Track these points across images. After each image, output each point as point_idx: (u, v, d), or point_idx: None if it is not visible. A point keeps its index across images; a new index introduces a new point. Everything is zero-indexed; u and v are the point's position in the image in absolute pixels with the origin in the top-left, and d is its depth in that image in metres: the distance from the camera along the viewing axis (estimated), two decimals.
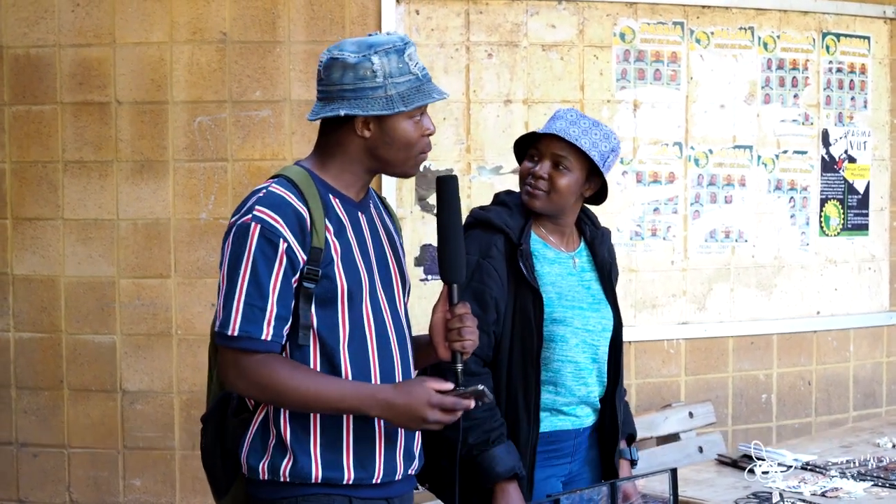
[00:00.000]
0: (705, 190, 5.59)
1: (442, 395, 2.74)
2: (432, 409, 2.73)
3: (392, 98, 2.79)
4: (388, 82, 2.79)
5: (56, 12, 5.11)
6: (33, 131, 5.16)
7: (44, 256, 5.18)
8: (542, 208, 3.47)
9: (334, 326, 2.79)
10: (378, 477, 2.85)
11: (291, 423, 2.79)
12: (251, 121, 5.11)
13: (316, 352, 2.80)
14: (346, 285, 2.79)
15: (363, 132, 2.83)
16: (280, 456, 2.79)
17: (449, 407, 2.74)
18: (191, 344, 5.13)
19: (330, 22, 5.12)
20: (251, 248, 2.73)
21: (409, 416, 2.75)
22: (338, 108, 2.79)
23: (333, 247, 2.79)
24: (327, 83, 2.82)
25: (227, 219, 5.06)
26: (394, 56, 2.80)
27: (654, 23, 5.46)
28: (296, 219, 2.75)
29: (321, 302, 2.78)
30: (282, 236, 2.73)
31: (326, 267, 2.77)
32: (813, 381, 5.91)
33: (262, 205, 2.76)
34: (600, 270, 3.60)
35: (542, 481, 3.44)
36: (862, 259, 6.00)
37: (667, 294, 5.56)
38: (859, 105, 5.93)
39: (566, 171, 3.44)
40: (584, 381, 3.49)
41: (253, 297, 2.73)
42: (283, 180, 2.82)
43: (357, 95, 2.78)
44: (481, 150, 5.25)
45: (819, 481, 3.79)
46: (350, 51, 2.79)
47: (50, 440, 5.23)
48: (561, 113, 3.49)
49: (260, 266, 2.73)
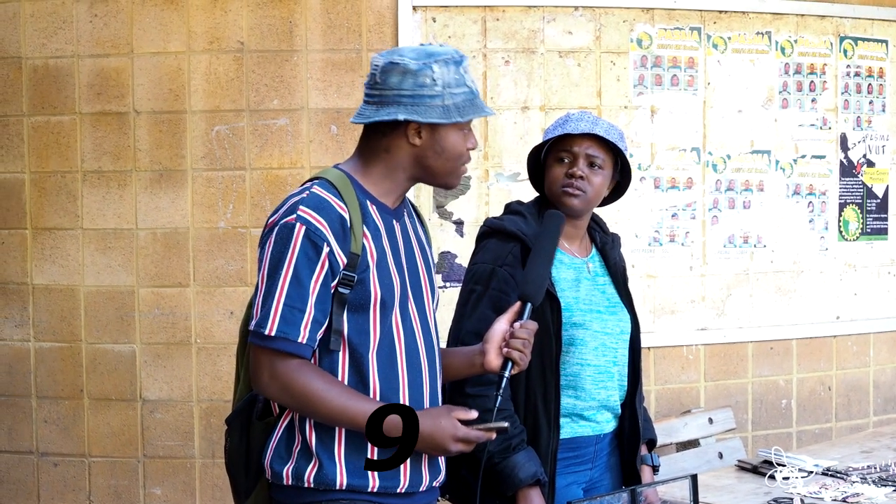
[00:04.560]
0: (723, 195, 5.58)
1: (467, 430, 2.76)
2: (456, 443, 2.76)
3: (449, 108, 2.79)
4: (446, 92, 2.79)
5: (74, 23, 5.14)
6: (52, 142, 5.18)
7: (63, 266, 5.20)
8: (582, 208, 3.47)
9: (365, 333, 2.79)
10: (403, 486, 2.85)
11: (317, 429, 2.79)
12: (269, 129, 5.12)
13: (345, 358, 2.79)
14: (379, 292, 2.79)
15: (414, 139, 2.82)
16: (305, 462, 2.80)
17: (472, 440, 2.78)
18: (210, 352, 5.14)
19: (347, 30, 5.13)
20: (295, 248, 2.72)
21: (432, 446, 2.78)
22: (395, 112, 2.78)
23: (370, 253, 2.79)
24: (383, 87, 2.80)
25: (245, 227, 5.07)
26: (452, 67, 2.80)
27: (671, 28, 5.46)
28: (339, 222, 2.75)
29: (354, 308, 2.78)
30: (325, 239, 2.72)
31: (362, 273, 2.77)
32: (833, 386, 5.89)
33: (307, 206, 2.75)
34: (613, 275, 3.61)
35: (564, 488, 3.44)
36: (881, 263, 5.98)
37: (686, 300, 5.55)
38: (877, 109, 5.92)
39: (600, 170, 3.46)
40: (604, 385, 3.49)
41: (293, 298, 2.72)
42: (325, 182, 2.82)
43: (415, 102, 2.77)
44: (499, 156, 5.26)
45: (840, 487, 3.77)
46: (410, 57, 2.78)
47: (70, 449, 5.24)
48: (578, 115, 3.49)
49: (302, 267, 2.72)
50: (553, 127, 3.51)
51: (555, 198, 3.47)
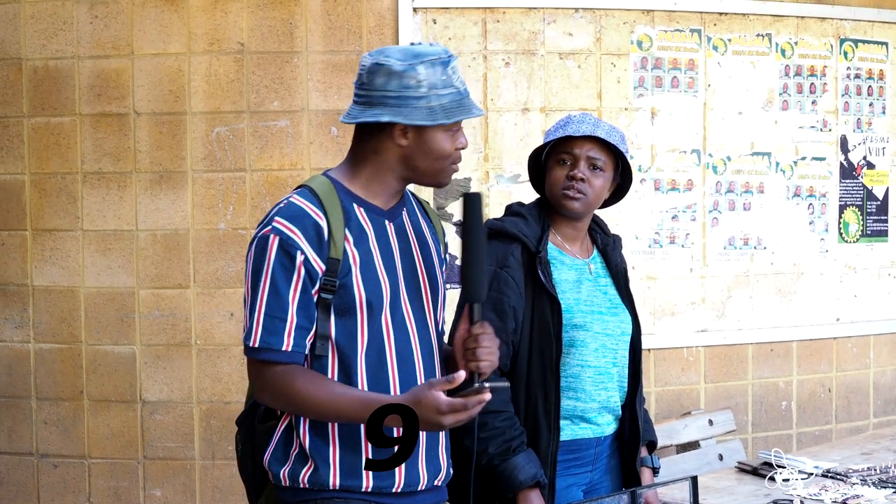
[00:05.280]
0: (724, 197, 5.58)
1: (451, 399, 2.65)
2: (444, 415, 2.66)
3: (434, 109, 2.79)
4: (431, 93, 2.78)
5: (74, 24, 5.14)
6: (52, 143, 5.18)
7: (63, 267, 5.20)
8: (583, 211, 3.47)
9: (352, 336, 2.79)
10: (399, 486, 2.84)
11: (311, 431, 2.80)
12: (269, 131, 5.12)
13: (334, 362, 2.80)
14: (364, 295, 2.78)
15: (401, 140, 2.82)
16: (301, 464, 2.81)
17: (460, 408, 2.66)
18: (210, 354, 5.14)
19: (347, 32, 5.13)
20: (270, 260, 2.74)
21: (423, 424, 2.72)
22: (380, 113, 2.78)
23: (352, 256, 2.79)
24: (369, 88, 2.80)
25: (245, 229, 5.08)
26: (439, 67, 2.79)
27: (671, 30, 5.46)
28: (314, 230, 2.75)
29: (340, 312, 2.78)
30: (299, 248, 2.73)
31: (344, 277, 2.77)
32: (833, 388, 5.89)
33: (282, 216, 2.77)
34: (615, 276, 3.61)
35: (564, 490, 3.44)
36: (881, 265, 5.98)
37: (686, 301, 5.55)
38: (878, 111, 5.92)
39: (601, 172, 3.45)
40: (604, 386, 3.48)
41: (273, 308, 2.74)
42: (306, 191, 2.82)
43: (400, 103, 2.77)
44: (499, 158, 5.26)
45: (840, 489, 3.77)
46: (396, 58, 2.78)
47: (70, 451, 5.24)
48: (579, 117, 3.48)
49: (279, 278, 2.74)
50: (554, 128, 3.51)
51: (555, 200, 3.47)
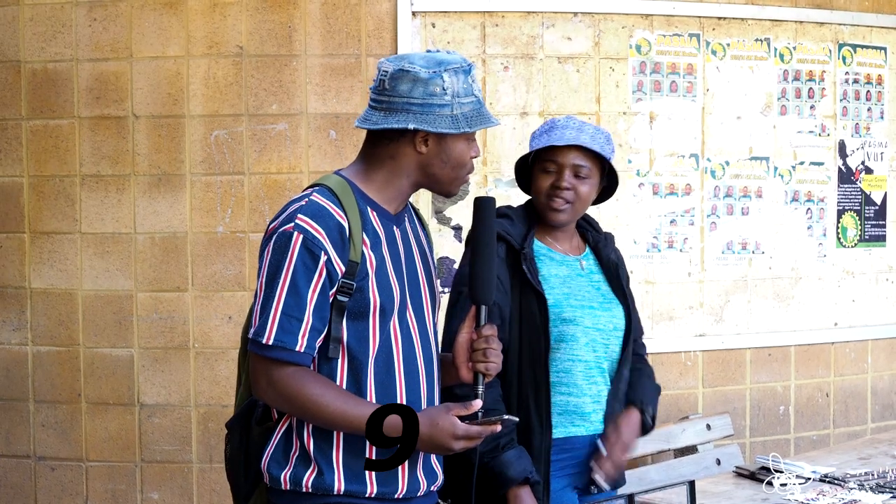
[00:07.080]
0: (722, 202, 5.58)
1: (467, 426, 2.73)
2: (457, 440, 2.73)
3: (457, 118, 2.79)
4: (455, 101, 2.79)
5: (73, 27, 5.14)
6: (51, 146, 5.18)
7: (61, 270, 5.19)
8: (568, 220, 3.48)
9: (364, 340, 2.79)
10: (401, 492, 2.85)
11: (315, 434, 2.80)
12: (268, 134, 5.12)
13: (344, 365, 2.80)
14: (378, 300, 2.78)
15: (421, 147, 2.82)
16: (303, 467, 2.80)
17: (474, 436, 2.75)
18: (208, 357, 5.14)
19: (346, 35, 5.13)
20: (292, 257, 2.73)
21: (434, 446, 2.76)
22: (405, 120, 2.78)
23: (369, 260, 2.79)
24: (392, 94, 2.79)
25: (243, 232, 5.07)
26: (462, 76, 2.80)
27: (670, 35, 5.46)
28: (337, 231, 2.74)
29: (353, 315, 2.78)
30: (323, 248, 2.72)
31: (361, 280, 2.77)
32: (831, 393, 5.89)
33: (305, 214, 2.75)
34: (607, 272, 3.61)
35: (559, 491, 3.44)
36: (879, 270, 5.98)
37: (684, 306, 5.55)
38: (876, 116, 5.92)
39: (587, 178, 3.45)
40: (594, 381, 3.49)
41: (290, 307, 2.72)
42: (325, 190, 2.81)
43: (424, 111, 2.77)
44: (497, 162, 5.26)
45: (837, 493, 3.77)
46: (421, 65, 2.78)
47: (68, 453, 5.24)
48: (563, 122, 3.48)
49: (300, 276, 2.72)
50: (539, 132, 3.51)
51: (541, 208, 3.49)
